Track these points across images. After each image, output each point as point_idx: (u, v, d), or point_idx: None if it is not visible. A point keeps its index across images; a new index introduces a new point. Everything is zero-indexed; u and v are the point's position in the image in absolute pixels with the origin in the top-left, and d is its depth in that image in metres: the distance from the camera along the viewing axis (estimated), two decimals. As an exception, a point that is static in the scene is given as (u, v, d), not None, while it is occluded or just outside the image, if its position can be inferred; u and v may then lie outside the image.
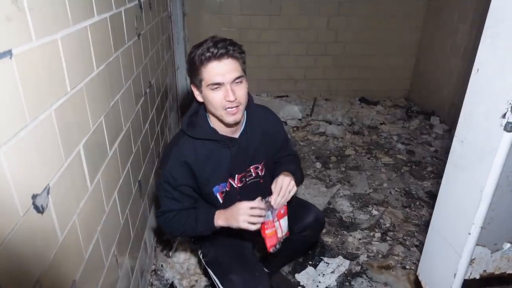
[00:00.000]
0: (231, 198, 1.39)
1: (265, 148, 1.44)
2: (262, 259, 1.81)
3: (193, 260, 1.89)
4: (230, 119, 1.24)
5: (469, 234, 1.15)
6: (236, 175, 1.40)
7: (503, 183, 1.14)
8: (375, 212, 2.40)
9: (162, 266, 1.86)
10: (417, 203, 2.52)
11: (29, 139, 0.69)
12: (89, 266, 0.97)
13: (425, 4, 4.17)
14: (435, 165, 3.05)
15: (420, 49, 4.35)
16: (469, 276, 1.34)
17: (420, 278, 1.48)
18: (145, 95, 1.78)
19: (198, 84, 1.23)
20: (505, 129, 0.98)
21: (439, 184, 2.71)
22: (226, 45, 1.17)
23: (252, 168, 1.43)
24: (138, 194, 1.56)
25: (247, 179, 1.44)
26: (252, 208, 1.22)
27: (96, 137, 1.06)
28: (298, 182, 1.42)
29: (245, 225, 1.21)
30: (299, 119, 3.87)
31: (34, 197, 0.70)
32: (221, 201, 1.40)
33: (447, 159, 1.29)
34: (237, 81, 1.20)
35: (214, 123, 1.32)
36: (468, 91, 1.14)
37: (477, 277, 1.37)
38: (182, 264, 1.88)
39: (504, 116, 0.98)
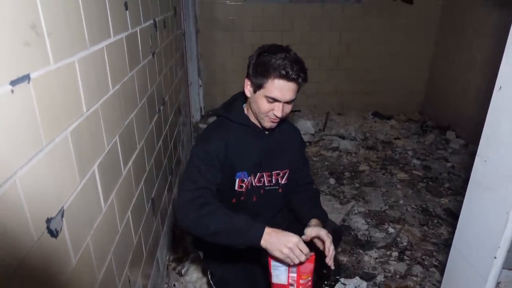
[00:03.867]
0: (249, 195, 1.44)
1: (290, 158, 1.49)
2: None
3: (206, 280, 1.86)
4: (267, 124, 1.33)
5: (495, 258, 1.10)
6: (258, 174, 1.43)
7: (530, 204, 1.09)
8: (391, 230, 2.33)
9: (174, 285, 1.83)
10: (435, 221, 2.45)
11: (44, 162, 0.69)
12: (102, 287, 0.95)
13: (438, 17, 4.14)
14: (452, 181, 2.97)
15: (433, 63, 4.31)
16: (494, 301, 1.27)
17: (442, 302, 1.42)
18: (158, 112, 1.79)
19: (255, 84, 1.27)
20: (532, 148, 0.93)
21: (457, 201, 2.65)
22: (299, 70, 1.22)
23: (274, 173, 1.46)
24: (151, 212, 1.55)
25: (266, 184, 1.46)
26: (299, 247, 1.13)
27: (110, 156, 1.06)
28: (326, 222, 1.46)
29: (282, 256, 1.12)
30: (312, 134, 3.84)
31: (48, 221, 0.69)
32: (237, 188, 1.41)
33: (465, 175, 1.25)
34: (290, 101, 1.28)
35: (248, 113, 1.41)
36: (491, 108, 1.10)
37: (503, 302, 1.31)
38: (195, 283, 1.84)
39: (530, 135, 0.94)
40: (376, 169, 3.17)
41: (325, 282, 1.86)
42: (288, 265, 1.19)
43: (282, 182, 1.49)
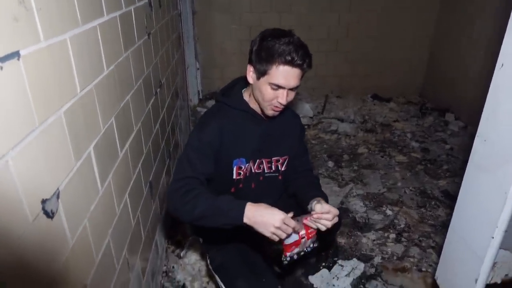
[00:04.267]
0: (247, 182, 1.43)
1: (290, 144, 1.48)
2: (274, 260, 1.79)
3: (205, 261, 1.88)
4: (270, 112, 1.31)
5: (492, 238, 1.10)
6: (257, 160, 1.42)
7: (529, 184, 1.09)
8: (389, 212, 2.35)
9: (173, 267, 1.85)
10: (433, 202, 2.46)
11: (38, 143, 0.67)
12: (100, 270, 0.95)
13: (439, -3, 4.07)
14: (450, 163, 2.97)
15: (434, 44, 4.25)
16: (490, 281, 1.29)
17: (438, 282, 1.43)
18: (155, 95, 1.76)
19: (259, 71, 1.23)
20: (533, 128, 0.92)
21: (455, 183, 2.66)
22: (305, 56, 1.19)
23: (274, 160, 1.45)
24: (149, 195, 1.55)
25: (266, 171, 1.45)
26: (285, 222, 1.14)
27: (106, 138, 1.04)
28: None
29: (269, 235, 1.14)
30: (311, 117, 3.82)
31: (43, 202, 0.68)
32: (234, 176, 1.40)
33: (463, 157, 1.24)
34: (294, 88, 1.25)
35: (247, 98, 1.38)
36: (492, 87, 1.08)
37: (499, 281, 1.32)
38: (194, 265, 1.86)
39: (531, 114, 0.93)
40: (375, 152, 3.17)
41: (323, 264, 1.88)
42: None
43: (282, 169, 1.49)
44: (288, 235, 1.18)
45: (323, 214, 1.24)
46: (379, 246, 2.05)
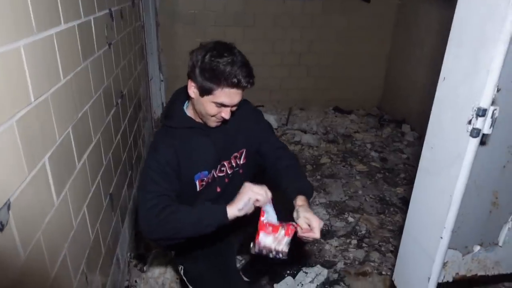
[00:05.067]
0: (211, 189, 1.41)
1: (244, 136, 1.44)
2: (243, 267, 1.80)
3: (169, 275, 1.84)
4: (213, 124, 1.31)
5: (441, 238, 1.17)
6: (218, 166, 1.40)
7: (471, 187, 1.18)
8: (351, 219, 2.42)
9: (136, 281, 1.79)
10: (391, 209, 2.57)
11: (-13, 152, 0.65)
12: (56, 285, 0.91)
13: (394, 17, 4.32)
14: (407, 171, 3.13)
15: (390, 60, 4.50)
16: (442, 280, 1.36)
17: (395, 283, 1.50)
18: (116, 106, 1.74)
19: (202, 89, 1.21)
20: (471, 135, 1.01)
21: (411, 190, 2.79)
22: (249, 76, 1.19)
23: (232, 158, 1.43)
24: (109, 208, 1.51)
25: (228, 172, 1.44)
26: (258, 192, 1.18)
27: (63, 149, 1.02)
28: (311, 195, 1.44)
29: (253, 198, 1.16)
30: (275, 129, 3.88)
31: (-8, 213, 0.66)
32: (198, 188, 1.37)
33: (418, 165, 1.32)
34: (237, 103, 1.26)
35: (190, 113, 1.36)
36: (436, 98, 1.17)
37: (450, 280, 1.40)
38: (157, 279, 1.82)
39: (469, 122, 1.02)
40: (337, 162, 3.27)
41: (288, 271, 1.90)
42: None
43: (241, 162, 1.46)
44: (267, 213, 1.19)
45: (308, 233, 1.22)
46: (341, 252, 2.11)
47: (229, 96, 1.20)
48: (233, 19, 4.02)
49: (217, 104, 1.22)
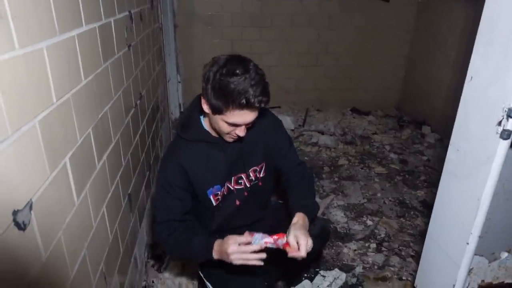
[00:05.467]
0: (229, 202, 1.40)
1: (263, 149, 1.42)
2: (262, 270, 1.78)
3: (185, 275, 1.84)
4: (229, 140, 1.27)
5: (467, 244, 1.13)
6: (233, 178, 1.39)
7: (500, 191, 1.13)
8: (369, 223, 2.37)
9: (153, 282, 1.80)
10: (412, 212, 2.51)
11: (10, 152, 0.66)
12: (76, 284, 0.92)
13: (415, 16, 4.23)
14: (428, 174, 3.05)
15: (409, 60, 4.40)
16: (467, 287, 1.31)
17: (418, 289, 1.45)
18: (135, 107, 1.75)
19: (213, 107, 1.14)
20: (501, 136, 0.96)
21: (433, 193, 2.71)
22: (262, 95, 1.11)
23: (251, 171, 1.42)
24: (128, 208, 1.52)
25: (247, 185, 1.42)
26: (240, 244, 1.16)
27: (83, 149, 1.02)
28: (314, 216, 1.43)
29: (234, 263, 1.17)
30: (292, 130, 3.85)
31: (15, 213, 0.66)
32: (214, 203, 1.38)
33: (439, 168, 1.28)
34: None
35: (207, 124, 1.32)
36: (462, 99, 1.13)
37: (475, 287, 1.35)
38: (174, 279, 1.82)
39: (499, 123, 0.97)
40: (355, 164, 3.22)
41: (305, 275, 1.88)
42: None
43: (261, 176, 1.46)
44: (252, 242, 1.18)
45: (293, 253, 1.20)
46: (360, 256, 2.06)
47: (240, 116, 1.14)
48: (250, 19, 4.02)
49: (229, 124, 1.17)
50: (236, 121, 1.16)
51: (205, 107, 1.20)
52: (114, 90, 1.38)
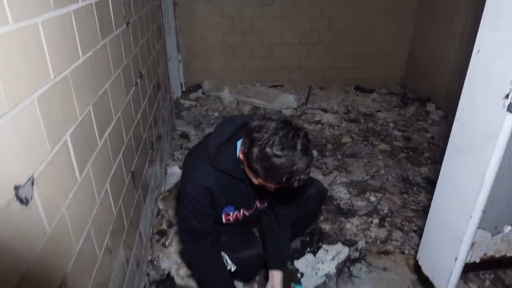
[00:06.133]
0: (237, 220, 1.50)
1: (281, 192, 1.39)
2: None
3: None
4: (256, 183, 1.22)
5: (471, 217, 1.13)
6: (250, 206, 1.49)
7: (505, 166, 1.12)
8: (372, 199, 2.38)
9: (158, 256, 1.83)
10: (415, 189, 2.51)
11: (9, 128, 0.65)
12: (81, 258, 0.93)
13: (419, -9, 4.12)
14: (432, 151, 3.04)
15: (414, 37, 4.31)
16: (469, 260, 1.32)
17: (420, 262, 1.47)
18: (136, 85, 1.73)
19: (250, 165, 1.11)
20: (508, 109, 0.95)
21: (436, 169, 2.71)
22: (303, 179, 1.09)
23: (264, 198, 1.50)
24: (131, 185, 1.53)
25: (259, 207, 1.53)
26: None
27: (84, 127, 1.02)
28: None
29: None
30: (294, 108, 3.82)
31: (16, 188, 0.66)
32: (224, 221, 1.46)
33: (444, 145, 1.27)
34: None
35: (241, 154, 1.22)
36: (469, 73, 1.11)
37: (478, 260, 1.36)
38: (179, 253, 1.85)
39: (507, 96, 0.95)
40: (358, 141, 3.20)
41: (308, 249, 1.90)
42: None
43: (271, 201, 1.54)
44: None
45: None
46: (363, 231, 2.08)
47: (275, 185, 1.14)
48: (251, -4, 3.93)
49: (260, 183, 1.17)
50: (269, 186, 1.17)
51: (241, 157, 1.18)
52: (113, 68, 1.36)
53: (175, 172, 2.55)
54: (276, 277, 1.53)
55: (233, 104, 3.88)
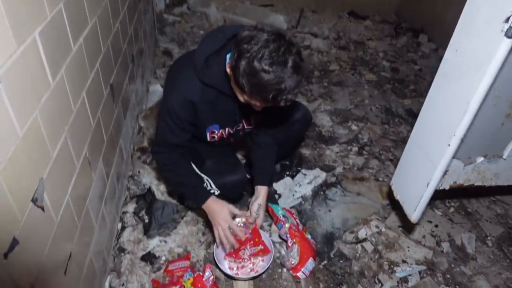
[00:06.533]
0: (224, 140, 1.48)
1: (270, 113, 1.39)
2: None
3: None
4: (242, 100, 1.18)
5: (448, 145, 1.15)
6: (236, 125, 1.44)
7: (489, 96, 1.12)
8: (354, 128, 2.41)
9: (139, 172, 1.85)
10: (396, 120, 2.55)
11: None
12: (58, 165, 0.92)
13: None
14: (418, 83, 3.03)
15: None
16: (439, 187, 1.39)
17: (393, 187, 1.54)
18: (113, -11, 1.57)
19: (237, 81, 1.05)
20: (506, 34, 0.91)
21: (419, 103, 2.73)
22: (294, 97, 1.06)
23: (252, 117, 1.46)
24: (110, 99, 1.47)
25: (246, 127, 1.49)
26: (226, 234, 1.38)
27: (55, 27, 0.93)
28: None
29: (215, 234, 1.41)
30: (284, 30, 3.65)
31: (-20, 83, 0.61)
32: (208, 139, 1.43)
33: (431, 78, 1.24)
34: None
35: (229, 69, 1.15)
36: (471, -6, 1.04)
37: (447, 187, 1.43)
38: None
39: (507, 20, 0.91)
40: (346, 70, 3.14)
41: (287, 172, 1.95)
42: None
43: (259, 121, 1.51)
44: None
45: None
46: (341, 158, 2.14)
47: (261, 103, 1.10)
48: None
49: (246, 100, 1.13)
50: (255, 104, 1.12)
51: (228, 71, 1.12)
52: (86, -37, 1.21)
53: (157, 90, 2.47)
54: (261, 190, 1.51)
55: (220, 22, 3.66)
